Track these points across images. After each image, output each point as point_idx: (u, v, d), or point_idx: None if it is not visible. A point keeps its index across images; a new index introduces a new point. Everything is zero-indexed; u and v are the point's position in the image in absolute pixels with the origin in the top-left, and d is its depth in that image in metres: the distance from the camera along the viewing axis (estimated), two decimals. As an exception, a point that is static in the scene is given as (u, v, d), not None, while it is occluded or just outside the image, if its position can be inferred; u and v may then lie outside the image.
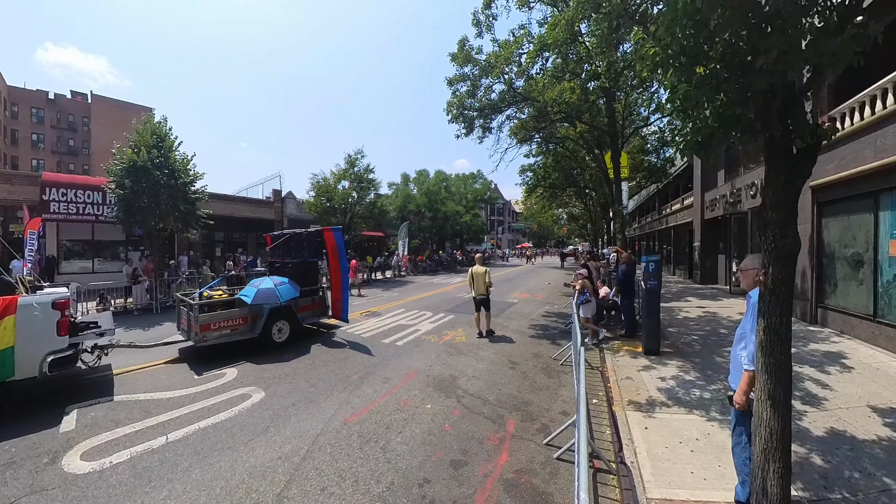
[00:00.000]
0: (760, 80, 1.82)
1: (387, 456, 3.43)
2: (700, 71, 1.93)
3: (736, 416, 2.62)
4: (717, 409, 4.15)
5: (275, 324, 6.96)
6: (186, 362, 6.10)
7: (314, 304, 8.18)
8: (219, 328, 6.37)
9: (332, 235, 7.67)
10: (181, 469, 3.21)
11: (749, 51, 1.83)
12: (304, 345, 7.08)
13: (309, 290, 8.05)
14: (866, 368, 5.26)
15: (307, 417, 4.16)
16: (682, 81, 1.92)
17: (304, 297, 7.76)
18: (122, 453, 3.43)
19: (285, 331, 7.13)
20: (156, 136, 12.49)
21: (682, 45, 1.83)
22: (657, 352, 6.17)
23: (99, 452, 3.46)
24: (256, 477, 3.14)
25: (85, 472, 3.17)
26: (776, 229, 2.33)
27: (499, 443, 3.65)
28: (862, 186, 6.64)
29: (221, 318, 6.45)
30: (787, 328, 2.31)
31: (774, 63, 1.71)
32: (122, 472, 3.16)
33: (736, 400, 2.54)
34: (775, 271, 2.32)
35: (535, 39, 8.19)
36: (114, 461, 3.31)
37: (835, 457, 3.25)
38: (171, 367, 5.92)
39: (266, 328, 6.79)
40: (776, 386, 2.25)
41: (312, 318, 8.11)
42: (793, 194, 2.34)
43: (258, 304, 6.71)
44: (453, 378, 5.34)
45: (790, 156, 2.29)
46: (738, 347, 2.68)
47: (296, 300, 7.41)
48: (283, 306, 7.02)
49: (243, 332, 6.62)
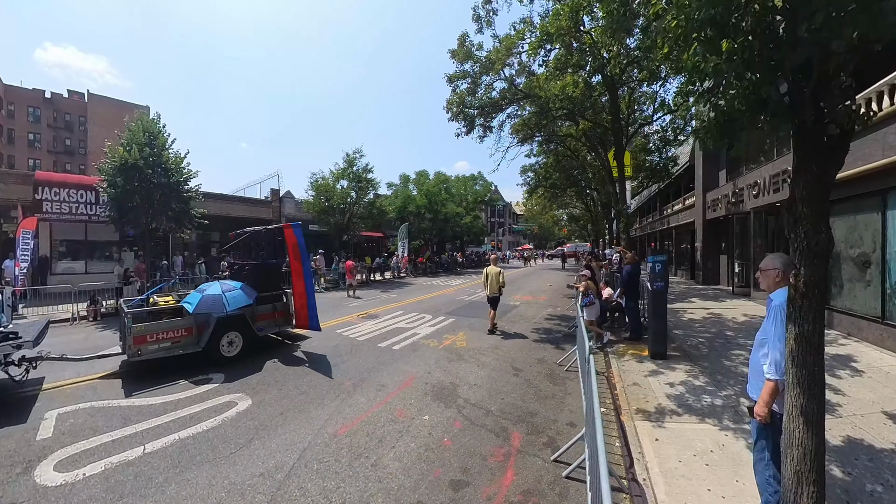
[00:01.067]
0: (798, 54, 1.60)
1: (378, 474, 3.15)
2: (725, 47, 1.70)
3: (757, 429, 2.38)
4: (729, 417, 3.94)
5: (224, 335, 6.07)
6: (122, 377, 5.41)
7: (276, 313, 7.20)
8: (157, 340, 5.51)
9: (293, 232, 6.84)
10: (156, 484, 3.00)
11: (788, 18, 1.60)
12: (258, 360, 6.18)
13: (269, 295, 7.11)
14: (877, 372, 5.11)
15: (295, 428, 3.91)
16: (708, 57, 1.70)
17: (263, 304, 6.93)
18: (97, 465, 3.26)
19: (237, 343, 6.21)
20: (148, 134, 12.24)
21: (709, 14, 1.61)
22: (664, 355, 5.95)
23: (73, 463, 3.29)
24: (235, 496, 2.89)
25: (57, 484, 3.01)
26: (808, 225, 2.10)
27: (503, 459, 3.39)
28: (869, 185, 6.48)
29: (160, 329, 5.57)
30: (819, 336, 2.08)
31: (818, 30, 1.48)
32: (94, 486, 2.98)
33: (757, 412, 2.30)
34: (807, 272, 2.10)
35: (537, 28, 7.94)
36: (87, 473, 3.14)
37: (854, 468, 3.08)
38: (103, 384, 5.20)
39: (213, 340, 5.90)
40: (809, 401, 2.02)
41: (273, 328, 7.15)
42: (825, 186, 2.12)
43: (204, 313, 5.91)
44: (453, 386, 5.09)
45: (822, 143, 2.07)
46: (758, 354, 2.45)
47: (252, 308, 6.58)
48: (233, 315, 6.14)
49: (186, 344, 5.75)
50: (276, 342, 7.37)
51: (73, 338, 7.96)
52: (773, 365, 2.25)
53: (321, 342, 7.36)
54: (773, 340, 2.28)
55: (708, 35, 1.70)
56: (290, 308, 7.40)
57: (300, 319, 7.19)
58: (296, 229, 6.83)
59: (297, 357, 6.46)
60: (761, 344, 2.42)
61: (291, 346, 7.14)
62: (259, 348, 6.71)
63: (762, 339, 2.41)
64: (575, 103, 9.35)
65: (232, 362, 6.03)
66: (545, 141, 14.85)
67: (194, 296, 6.20)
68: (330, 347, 6.96)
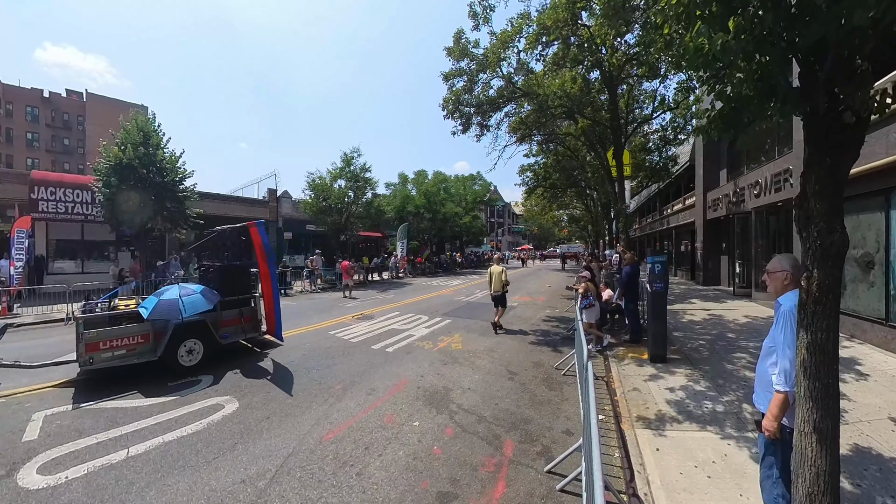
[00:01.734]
0: (814, 31, 1.44)
1: (362, 485, 3.00)
2: (733, 23, 1.54)
3: (765, 444, 2.19)
4: (731, 425, 3.78)
5: (182, 343, 5.61)
6: (76, 386, 5.09)
7: (243, 318, 6.64)
8: (111, 347, 5.12)
9: (257, 231, 6.38)
10: (136, 489, 2.95)
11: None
12: (218, 370, 5.69)
13: (236, 300, 6.58)
14: (882, 376, 4.95)
15: (280, 433, 3.78)
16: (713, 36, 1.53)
17: (229, 309, 6.42)
18: (80, 468, 3.23)
19: (197, 352, 5.74)
20: (143, 133, 12.11)
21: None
22: (664, 359, 5.79)
23: (56, 466, 3.27)
24: (214, 503, 2.78)
25: (38, 487, 2.99)
26: (821, 223, 1.93)
27: (495, 469, 3.22)
28: (872, 184, 6.33)
29: (115, 336, 5.18)
30: (834, 344, 1.91)
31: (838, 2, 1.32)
32: (76, 490, 2.95)
33: (765, 426, 2.11)
34: (821, 274, 1.92)
35: (534, 21, 7.74)
36: (69, 476, 3.12)
37: (864, 479, 2.91)
38: (56, 392, 4.91)
39: (170, 348, 5.47)
40: (823, 416, 1.84)
41: (240, 336, 6.58)
42: (839, 180, 1.95)
43: (162, 319, 5.46)
44: (446, 390, 4.92)
45: (835, 133, 1.91)
46: (766, 363, 2.26)
47: (215, 313, 6.11)
48: (192, 322, 5.67)
49: (142, 352, 5.34)
50: (246, 349, 6.89)
51: (67, 338, 7.83)
52: (783, 375, 2.07)
53: (313, 344, 7.19)
54: (783, 349, 2.11)
55: (713, 10, 1.54)
56: (259, 313, 6.95)
57: (269, 327, 6.77)
58: (259, 228, 6.44)
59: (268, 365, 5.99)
60: (769, 352, 2.24)
61: (260, 353, 6.63)
62: (224, 356, 6.28)
63: (770, 346, 2.23)
64: (573, 101, 9.18)
65: (217, 365, 5.86)
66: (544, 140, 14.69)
67: (151, 300, 5.72)
68: (322, 349, 6.80)
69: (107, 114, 40.10)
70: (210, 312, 5.98)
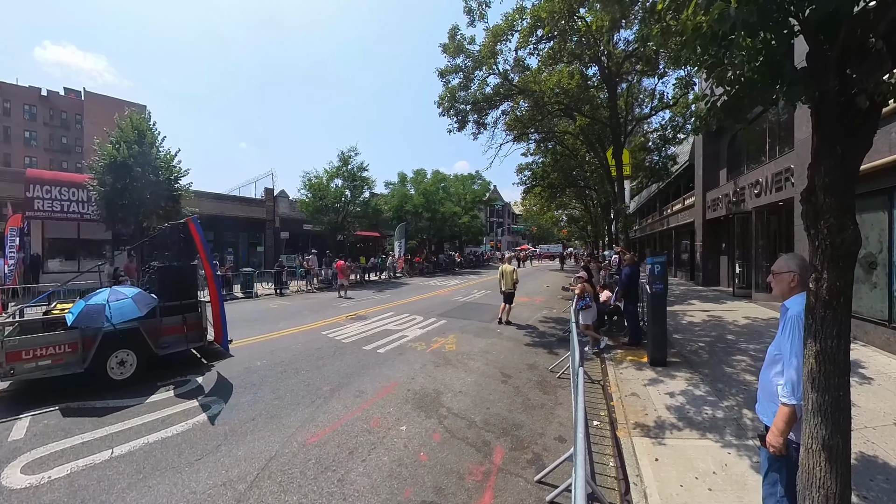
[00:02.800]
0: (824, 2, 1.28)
1: (343, 491, 2.89)
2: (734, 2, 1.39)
3: (769, 459, 2.00)
4: (731, 432, 3.64)
5: (113, 353, 5.05)
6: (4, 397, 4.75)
7: (186, 326, 5.89)
8: (34, 357, 4.62)
9: (195, 227, 5.89)
10: (117, 490, 2.94)
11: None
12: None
13: (178, 305, 5.84)
14: (887, 379, 4.80)
15: (264, 436, 3.69)
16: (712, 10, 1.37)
17: (170, 315, 5.75)
18: (63, 468, 3.24)
19: (130, 363, 5.15)
20: (137, 132, 11.98)
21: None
22: (664, 362, 5.63)
23: (40, 465, 3.28)
24: None
25: (21, 486, 3.00)
26: (831, 219, 1.77)
27: (482, 478, 3.07)
28: (875, 183, 6.19)
29: (39, 344, 4.68)
30: (845, 353, 1.73)
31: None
32: (58, 490, 2.96)
33: (770, 442, 1.91)
34: (831, 276, 1.76)
35: (528, 13, 7.54)
36: (52, 476, 3.13)
37: (870, 490, 2.76)
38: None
39: (98, 359, 4.92)
40: (833, 433, 1.67)
41: (181, 345, 5.88)
42: (851, 172, 1.79)
43: (92, 327, 4.84)
44: (437, 393, 4.77)
45: (847, 119, 1.75)
46: (770, 372, 2.06)
47: (151, 321, 5.47)
48: (124, 330, 5.06)
49: (69, 363, 4.80)
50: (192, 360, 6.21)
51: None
52: (790, 386, 1.87)
53: (304, 344, 7.04)
54: (789, 357, 1.91)
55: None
56: (205, 320, 6.30)
57: (216, 334, 6.16)
58: (196, 223, 5.95)
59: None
60: (774, 360, 2.04)
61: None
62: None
63: (776, 354, 2.03)
64: (571, 97, 9.01)
65: (205, 366, 5.72)
66: (542, 139, 14.53)
67: (79, 304, 5.04)
68: (313, 350, 6.65)
69: (105, 113, 39.87)
70: (145, 319, 5.27)
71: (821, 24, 1.46)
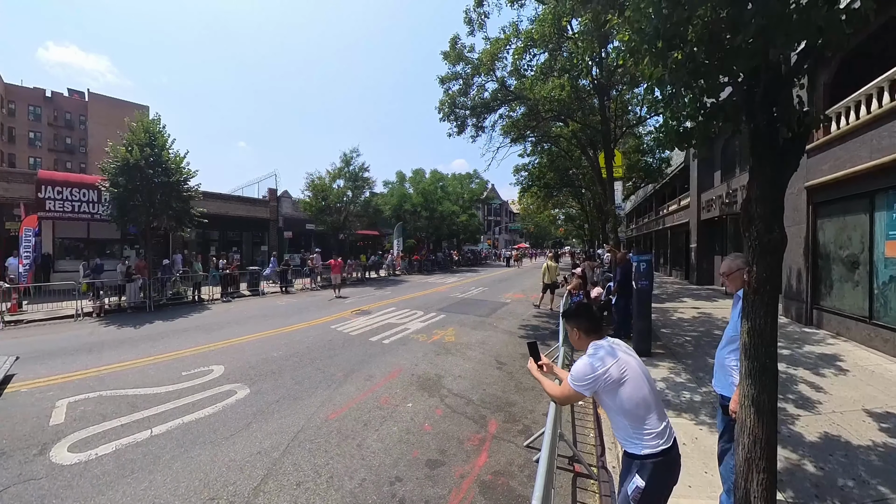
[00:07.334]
0: (742, 62, 1.71)
1: (362, 453, 3.38)
2: (678, 56, 1.81)
3: (723, 421, 2.50)
4: (706, 413, 4.03)
5: None
6: None
7: None
8: None
9: None
10: (163, 461, 3.23)
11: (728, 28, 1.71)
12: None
13: None
14: (862, 371, 5.16)
15: (290, 414, 4.12)
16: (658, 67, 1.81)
17: None
18: (108, 446, 3.48)
19: None
20: (148, 135, 12.38)
21: (655, 28, 1.72)
22: (648, 353, 6.06)
23: (85, 445, 3.51)
24: (235, 470, 3.13)
25: (71, 462, 3.22)
26: (761, 224, 2.22)
27: (479, 444, 3.56)
28: (858, 187, 6.55)
29: None
30: (771, 329, 2.19)
31: (754, 41, 1.60)
32: (107, 464, 3.20)
33: (732, 409, 2.41)
34: (759, 269, 2.21)
35: (522, 34, 8.01)
36: (99, 453, 3.36)
37: (828, 463, 3.13)
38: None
39: None
40: (760, 392, 2.13)
41: None
42: (779, 188, 2.24)
43: None
44: (438, 377, 5.24)
45: (776, 147, 2.19)
46: (725, 350, 2.56)
47: None
48: None
49: None
50: None
51: (76, 334, 8.14)
52: None
53: (316, 337, 7.49)
54: None
55: (658, 47, 1.82)
56: None
57: None
58: None
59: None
60: (731, 340, 2.51)
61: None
62: None
63: (732, 335, 2.51)
64: (563, 105, 9.46)
65: (224, 356, 6.12)
66: (538, 141, 14.93)
67: None
68: (325, 342, 7.10)
69: (108, 113, 40.36)
70: None
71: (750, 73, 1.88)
